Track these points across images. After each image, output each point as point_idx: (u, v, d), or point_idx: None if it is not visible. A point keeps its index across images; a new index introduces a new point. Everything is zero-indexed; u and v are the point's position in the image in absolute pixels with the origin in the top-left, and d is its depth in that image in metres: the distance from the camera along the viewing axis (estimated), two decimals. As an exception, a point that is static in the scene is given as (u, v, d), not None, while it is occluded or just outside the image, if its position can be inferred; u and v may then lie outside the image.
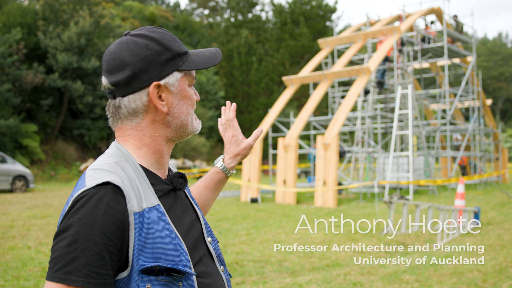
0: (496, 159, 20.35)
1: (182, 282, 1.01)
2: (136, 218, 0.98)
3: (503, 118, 49.30)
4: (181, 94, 1.12)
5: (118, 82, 1.07)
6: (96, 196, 0.95)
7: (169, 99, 1.10)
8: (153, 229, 1.00)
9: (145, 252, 0.97)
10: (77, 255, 0.90)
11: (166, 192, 1.11)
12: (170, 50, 1.10)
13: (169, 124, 1.12)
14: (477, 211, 8.12)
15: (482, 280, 4.67)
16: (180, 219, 1.10)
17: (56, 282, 0.90)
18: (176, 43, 1.12)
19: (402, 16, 17.27)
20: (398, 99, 13.77)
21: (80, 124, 23.63)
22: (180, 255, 1.02)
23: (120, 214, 0.95)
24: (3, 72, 20.69)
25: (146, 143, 1.11)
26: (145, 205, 1.01)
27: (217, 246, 1.22)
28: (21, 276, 4.79)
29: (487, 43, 58.68)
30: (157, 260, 0.98)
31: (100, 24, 23.82)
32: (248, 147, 1.51)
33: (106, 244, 0.92)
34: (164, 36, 1.11)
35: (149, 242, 0.98)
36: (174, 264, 0.99)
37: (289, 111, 25.59)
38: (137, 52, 1.07)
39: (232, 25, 37.11)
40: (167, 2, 49.72)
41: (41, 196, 13.67)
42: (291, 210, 10.54)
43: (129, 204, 0.98)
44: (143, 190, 1.04)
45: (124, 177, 1.02)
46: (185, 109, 1.13)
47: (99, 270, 0.91)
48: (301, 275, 4.98)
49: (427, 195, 13.45)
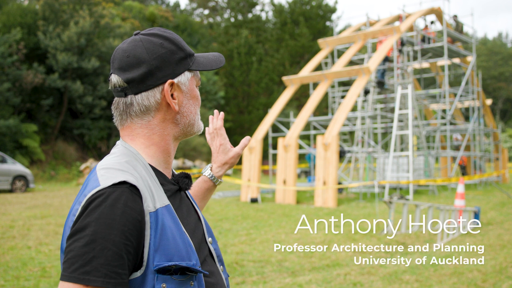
0: (496, 159, 20.36)
1: (193, 281, 1.01)
2: (152, 218, 0.98)
3: (503, 118, 49.32)
4: (191, 94, 1.15)
5: (133, 79, 1.07)
6: (113, 195, 0.94)
7: (180, 98, 1.12)
8: (166, 229, 1.00)
9: (160, 252, 0.97)
10: (96, 255, 0.89)
11: (174, 192, 1.12)
12: (183, 50, 1.13)
13: (178, 123, 1.14)
14: (477, 211, 8.12)
15: (482, 280, 4.67)
16: (186, 219, 1.11)
17: (74, 282, 0.88)
18: (185, 44, 1.15)
19: (402, 16, 17.28)
20: (398, 99, 13.77)
21: (80, 124, 23.63)
22: (190, 254, 1.02)
23: (137, 214, 0.95)
24: (3, 72, 20.69)
25: (155, 141, 1.11)
26: (158, 205, 1.01)
27: (217, 246, 1.24)
28: (21, 276, 4.79)
29: (487, 43, 58.69)
30: (170, 259, 0.98)
31: (100, 24, 23.83)
32: (235, 155, 1.51)
33: (124, 244, 0.92)
34: (175, 37, 1.14)
35: (163, 241, 0.99)
36: (187, 263, 0.99)
37: (289, 111, 25.61)
38: (153, 50, 1.08)
39: (232, 25, 37.11)
40: (167, 2, 49.72)
41: (41, 196, 13.67)
42: (291, 210, 10.54)
43: (145, 203, 0.98)
44: (155, 190, 1.04)
45: (138, 176, 1.01)
46: (193, 109, 1.16)
47: (118, 270, 0.90)
48: (301, 275, 4.98)
49: (427, 195, 13.45)
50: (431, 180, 12.91)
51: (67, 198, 12.99)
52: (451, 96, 18.60)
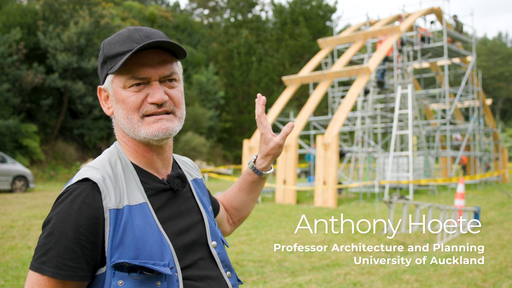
0: (496, 159, 20.36)
1: (161, 281, 1.00)
2: (112, 215, 1.00)
3: (503, 117, 49.32)
4: (116, 97, 1.09)
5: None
6: (75, 192, 0.99)
7: (111, 103, 1.12)
8: (133, 227, 1.01)
9: (121, 249, 0.99)
10: (51, 247, 0.94)
11: (159, 191, 1.10)
12: (104, 54, 1.09)
13: (120, 127, 1.12)
14: (477, 211, 8.12)
15: (482, 280, 4.67)
16: (173, 220, 1.09)
17: (33, 271, 0.96)
18: (116, 45, 1.07)
19: (402, 16, 17.27)
20: (398, 99, 13.77)
21: (80, 124, 23.62)
22: (163, 254, 1.01)
23: (94, 210, 0.98)
24: (3, 72, 20.68)
25: (124, 142, 1.13)
26: (126, 203, 1.02)
27: (223, 250, 1.20)
28: (21, 276, 4.78)
29: (487, 43, 58.68)
30: (135, 257, 0.98)
31: (100, 24, 23.82)
32: (276, 146, 1.36)
33: (77, 238, 0.96)
34: (108, 40, 1.10)
35: (127, 239, 0.99)
36: (146, 263, 0.98)
37: (289, 111, 25.60)
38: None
39: (232, 25, 37.10)
40: (167, 2, 49.71)
41: (41, 196, 13.67)
42: (291, 210, 10.53)
43: (105, 200, 1.00)
44: (129, 188, 1.05)
45: (109, 174, 1.04)
46: (121, 112, 1.09)
47: (69, 263, 0.95)
48: (301, 275, 4.98)
49: (427, 195, 13.45)
50: (432, 180, 12.91)
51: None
52: (451, 96, 18.60)
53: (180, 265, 1.05)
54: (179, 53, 1.09)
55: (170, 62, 1.09)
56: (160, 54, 1.07)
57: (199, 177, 1.32)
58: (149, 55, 1.05)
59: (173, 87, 1.10)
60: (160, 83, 1.07)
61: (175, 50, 1.08)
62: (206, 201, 1.26)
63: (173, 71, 1.09)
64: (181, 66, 1.16)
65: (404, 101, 14.62)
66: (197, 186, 1.27)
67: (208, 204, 1.27)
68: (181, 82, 1.14)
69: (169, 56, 1.09)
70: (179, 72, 1.13)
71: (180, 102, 1.11)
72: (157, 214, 1.06)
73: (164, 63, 1.07)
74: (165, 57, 1.07)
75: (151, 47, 1.05)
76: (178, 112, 1.11)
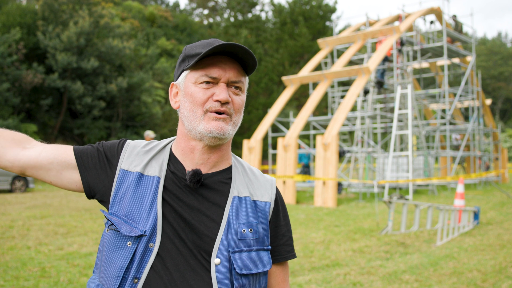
0: (496, 159, 20.37)
1: (132, 243, 1.10)
2: (120, 173, 1.19)
3: (503, 118, 49.35)
4: (185, 91, 1.20)
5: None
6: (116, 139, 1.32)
7: (179, 97, 1.23)
8: (136, 191, 1.15)
9: (120, 205, 1.15)
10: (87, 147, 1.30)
11: (179, 178, 1.18)
12: (185, 53, 1.22)
13: (182, 120, 1.21)
14: (477, 211, 8.13)
15: (482, 280, 4.67)
16: (175, 204, 1.14)
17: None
18: (197, 46, 1.21)
19: (401, 16, 17.28)
20: (398, 99, 13.77)
21: (80, 124, 23.62)
22: (146, 221, 1.11)
23: (113, 151, 1.24)
24: (2, 72, 20.67)
25: (179, 135, 1.24)
26: (139, 170, 1.18)
27: (225, 271, 1.11)
28: (21, 276, 4.78)
29: (487, 43, 58.72)
30: (126, 215, 1.13)
31: (100, 24, 23.82)
32: None
33: (99, 148, 1.26)
34: (192, 44, 1.23)
35: (126, 198, 1.15)
36: (124, 220, 1.12)
37: (288, 111, 25.61)
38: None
39: (232, 25, 37.11)
40: (167, 2, 49.71)
41: (40, 196, 13.67)
42: (290, 210, 10.53)
43: (122, 156, 1.22)
44: (153, 163, 1.20)
45: (140, 147, 1.24)
46: (187, 105, 1.19)
47: (83, 150, 1.26)
48: (301, 275, 4.97)
49: (427, 195, 13.45)
50: (433, 178, 12.91)
51: (67, 198, 12.98)
52: (451, 96, 18.61)
53: (161, 242, 1.10)
54: (250, 67, 1.20)
55: (240, 72, 1.19)
56: (233, 62, 1.18)
57: (263, 200, 1.25)
58: (223, 59, 1.16)
59: (237, 94, 1.19)
60: (227, 86, 1.17)
61: (247, 63, 1.18)
62: (250, 224, 1.18)
63: (241, 80, 1.19)
64: (248, 81, 1.25)
65: (403, 101, 14.62)
66: (246, 205, 1.19)
67: (256, 231, 1.18)
68: (245, 94, 1.23)
69: (240, 68, 1.19)
70: (245, 84, 1.22)
71: (239, 110, 1.20)
72: (164, 192, 1.15)
73: (235, 70, 1.17)
74: (237, 66, 1.18)
75: (227, 53, 1.16)
76: (234, 117, 1.19)
